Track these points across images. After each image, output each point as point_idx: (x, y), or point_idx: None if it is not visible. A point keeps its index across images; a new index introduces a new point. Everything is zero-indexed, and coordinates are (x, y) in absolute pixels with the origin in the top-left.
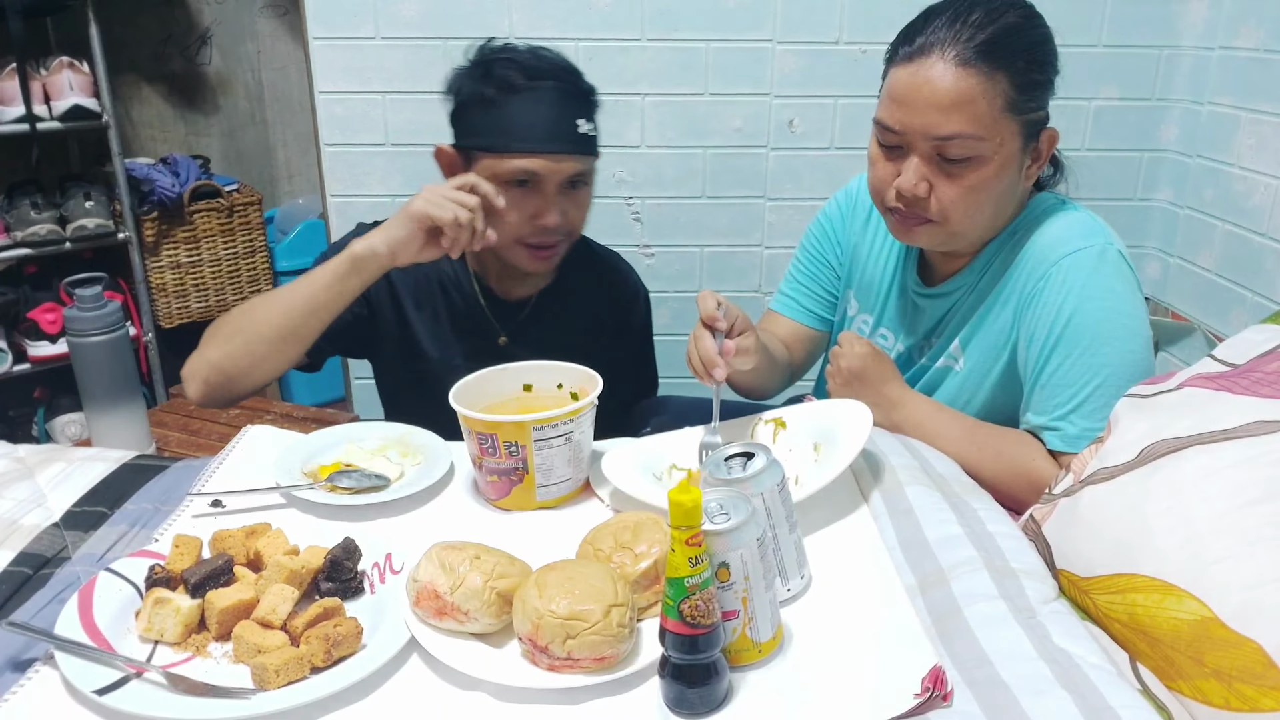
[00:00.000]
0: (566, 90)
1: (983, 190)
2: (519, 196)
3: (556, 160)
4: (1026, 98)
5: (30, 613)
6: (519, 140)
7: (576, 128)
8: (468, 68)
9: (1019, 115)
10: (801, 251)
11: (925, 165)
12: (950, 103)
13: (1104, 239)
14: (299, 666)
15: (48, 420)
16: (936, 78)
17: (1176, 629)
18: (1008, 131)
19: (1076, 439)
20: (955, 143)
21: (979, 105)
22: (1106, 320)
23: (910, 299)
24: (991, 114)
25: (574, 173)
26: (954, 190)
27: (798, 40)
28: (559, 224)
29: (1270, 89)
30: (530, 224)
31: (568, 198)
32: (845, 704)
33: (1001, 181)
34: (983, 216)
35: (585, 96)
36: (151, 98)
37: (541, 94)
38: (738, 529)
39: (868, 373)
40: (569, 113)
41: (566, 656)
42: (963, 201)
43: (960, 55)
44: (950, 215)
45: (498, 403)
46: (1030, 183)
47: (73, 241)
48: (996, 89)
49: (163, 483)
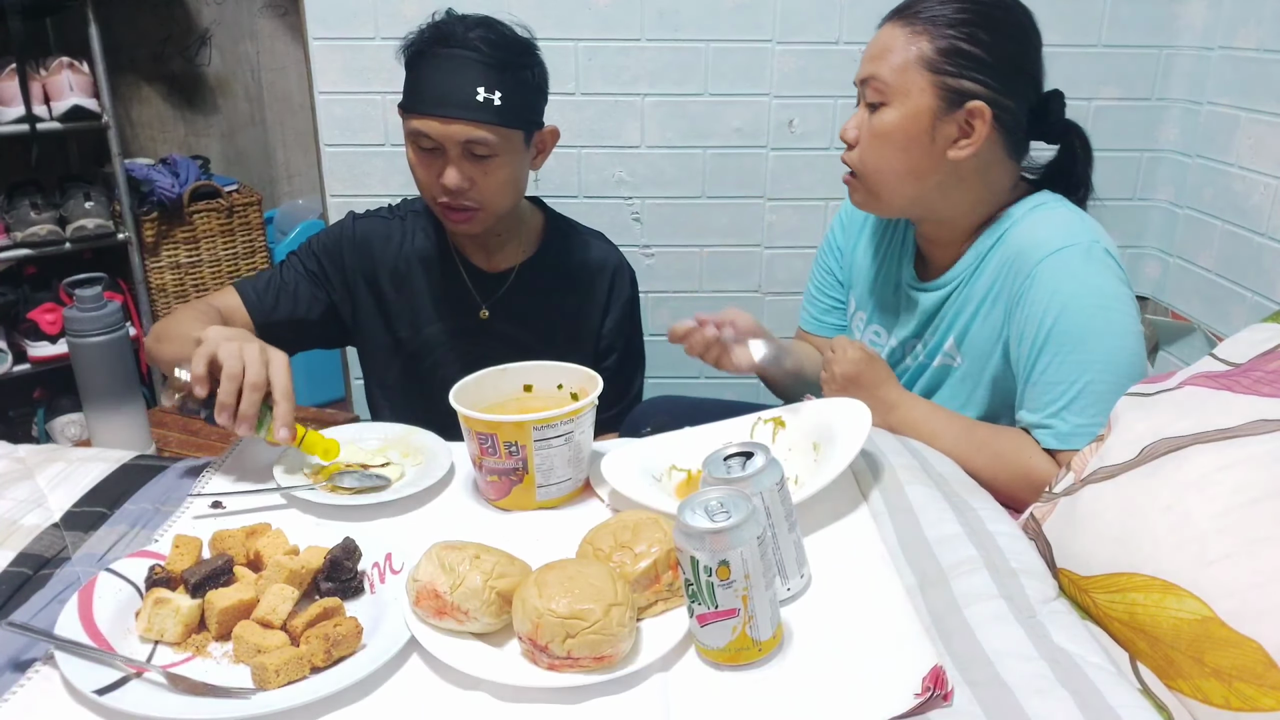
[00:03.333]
0: (476, 59)
1: (886, 138)
2: (428, 159)
3: (446, 123)
4: (945, 60)
5: (30, 613)
6: (417, 101)
7: (475, 94)
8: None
9: (933, 73)
10: (813, 266)
11: (862, 113)
12: (877, 51)
13: (1090, 236)
14: (299, 666)
15: (48, 420)
16: (881, 33)
17: (1177, 628)
18: (915, 84)
19: (1070, 436)
20: (870, 87)
21: (895, 55)
22: (1094, 317)
23: (905, 293)
24: (903, 64)
25: (468, 138)
26: (869, 137)
27: (798, 40)
28: (457, 185)
29: (1270, 89)
30: (437, 184)
31: (476, 165)
32: (845, 704)
33: (906, 135)
34: (894, 175)
35: (499, 68)
36: (151, 98)
37: (444, 60)
38: (737, 527)
39: (862, 376)
40: (468, 80)
41: (566, 656)
42: (872, 148)
43: (902, 15)
44: (864, 165)
45: (498, 403)
46: (961, 155)
47: (72, 242)
48: (914, 43)
49: (162, 483)
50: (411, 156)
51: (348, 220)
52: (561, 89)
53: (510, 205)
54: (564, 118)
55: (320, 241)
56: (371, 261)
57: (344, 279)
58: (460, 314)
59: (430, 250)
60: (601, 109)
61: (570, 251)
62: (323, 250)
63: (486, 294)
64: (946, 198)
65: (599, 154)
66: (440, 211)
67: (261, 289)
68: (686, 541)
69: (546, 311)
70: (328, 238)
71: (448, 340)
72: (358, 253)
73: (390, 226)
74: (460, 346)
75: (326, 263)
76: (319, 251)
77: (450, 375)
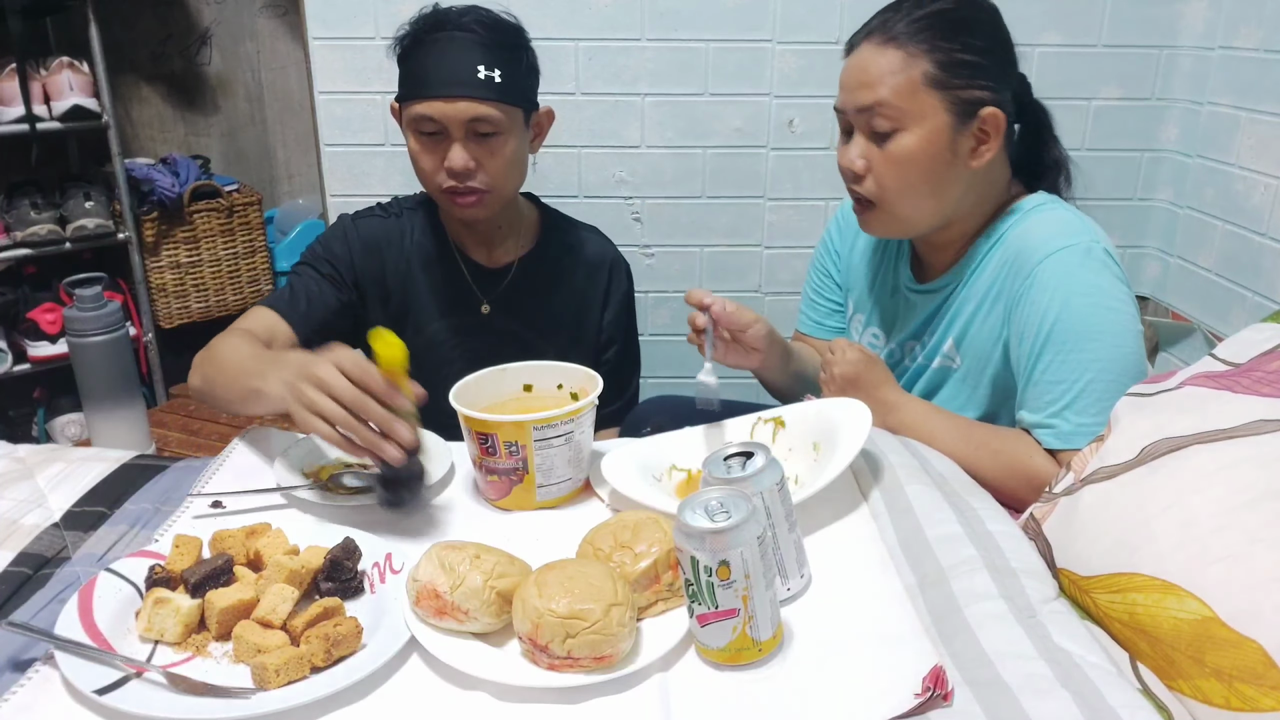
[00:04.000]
0: (472, 40)
1: (909, 163)
2: (432, 145)
3: (450, 103)
4: (950, 74)
5: (30, 613)
6: (419, 86)
7: (476, 72)
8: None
9: (942, 90)
10: (810, 268)
11: (863, 141)
12: (872, 77)
13: (1089, 236)
14: (299, 666)
15: (48, 420)
16: (865, 58)
17: (1177, 628)
18: (928, 105)
19: (1071, 435)
20: (877, 115)
21: (898, 78)
22: (1094, 316)
23: (902, 296)
24: (910, 86)
25: (473, 115)
26: (883, 163)
27: (798, 40)
28: (465, 166)
29: (1270, 89)
30: (443, 170)
31: (480, 146)
32: (845, 704)
33: (929, 156)
34: (919, 195)
35: (497, 48)
36: (151, 98)
37: (441, 43)
38: (737, 527)
39: (861, 378)
40: (469, 59)
41: (566, 655)
42: (892, 175)
43: (884, 36)
44: (884, 193)
45: (498, 403)
46: (979, 163)
47: (73, 242)
48: (914, 63)
49: (163, 483)
50: (413, 145)
51: (347, 222)
52: (561, 89)
53: (515, 188)
54: (564, 117)
55: (326, 245)
56: (380, 262)
57: (355, 280)
58: (462, 310)
59: (430, 247)
60: (602, 109)
61: (568, 246)
62: (331, 254)
63: (488, 289)
64: (960, 205)
65: (599, 154)
66: (446, 199)
67: (293, 301)
68: (686, 541)
69: (547, 306)
70: (333, 241)
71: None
72: (367, 254)
73: (390, 225)
74: (463, 343)
75: (340, 265)
76: (327, 256)
77: (453, 373)
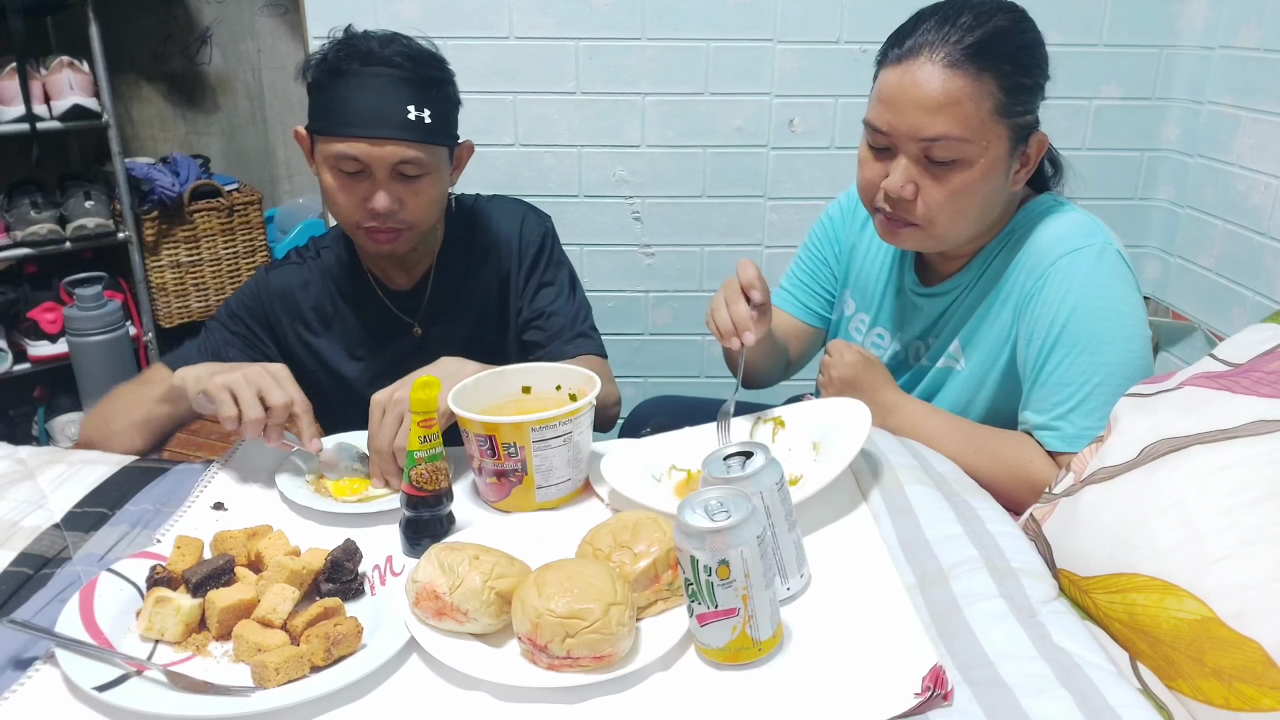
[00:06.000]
0: (401, 78)
1: (967, 194)
2: (352, 182)
3: (377, 144)
4: (1014, 101)
5: (31, 612)
6: (341, 124)
7: (406, 113)
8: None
9: (1007, 119)
10: (804, 249)
11: (913, 167)
12: (937, 104)
13: (1103, 239)
14: (299, 665)
15: (48, 420)
16: (924, 80)
17: (1177, 628)
18: (995, 135)
19: (1075, 438)
20: (941, 145)
21: (966, 107)
22: (1105, 320)
23: (908, 298)
24: (979, 116)
25: (401, 159)
26: (940, 193)
27: (798, 40)
28: (388, 209)
29: (1270, 89)
30: (362, 208)
31: (405, 186)
32: (845, 704)
33: (987, 185)
34: (966, 221)
35: (425, 85)
36: (151, 97)
37: (369, 79)
38: (737, 527)
39: (860, 380)
40: (399, 98)
41: (566, 655)
42: (948, 205)
43: (948, 57)
44: (935, 219)
45: (496, 405)
46: (1017, 187)
47: (73, 241)
48: (984, 91)
49: (163, 484)
50: (330, 181)
51: (260, 275)
52: (561, 88)
53: (434, 222)
54: (564, 117)
55: (240, 303)
56: (297, 309)
57: (273, 334)
58: (396, 342)
59: (348, 285)
60: (602, 108)
61: (475, 228)
62: (245, 311)
63: (412, 311)
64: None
65: (599, 153)
66: (364, 236)
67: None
68: (686, 541)
69: (471, 295)
70: (246, 297)
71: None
72: (282, 304)
73: (303, 271)
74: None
75: (252, 323)
76: (241, 313)
77: None
